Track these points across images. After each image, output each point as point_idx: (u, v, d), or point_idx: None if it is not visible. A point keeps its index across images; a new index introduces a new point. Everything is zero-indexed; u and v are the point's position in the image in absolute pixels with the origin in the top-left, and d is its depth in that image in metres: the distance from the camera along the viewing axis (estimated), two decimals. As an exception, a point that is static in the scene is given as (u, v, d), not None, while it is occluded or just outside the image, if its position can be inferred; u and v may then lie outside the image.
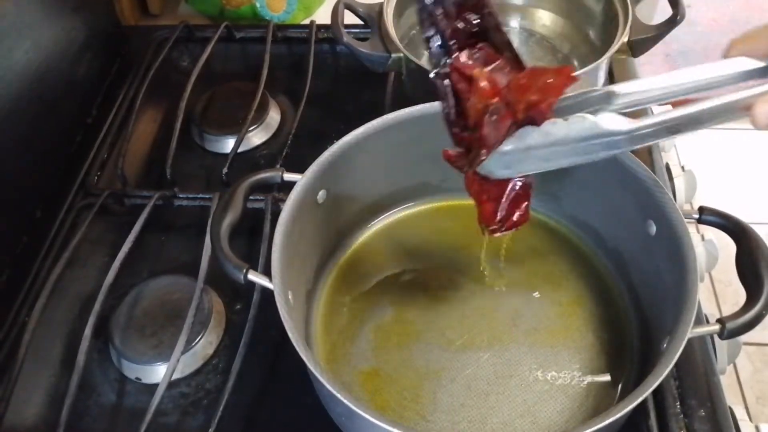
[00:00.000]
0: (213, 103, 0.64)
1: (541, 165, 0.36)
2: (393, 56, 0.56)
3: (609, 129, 0.32)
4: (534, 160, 0.35)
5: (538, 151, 0.34)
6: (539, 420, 0.42)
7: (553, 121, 0.33)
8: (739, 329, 0.37)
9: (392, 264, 0.51)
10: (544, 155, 0.35)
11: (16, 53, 0.54)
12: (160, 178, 0.57)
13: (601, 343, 0.45)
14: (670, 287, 0.40)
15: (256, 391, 0.46)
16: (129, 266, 0.51)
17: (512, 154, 0.35)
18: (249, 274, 0.39)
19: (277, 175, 0.44)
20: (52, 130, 0.60)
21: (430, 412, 0.42)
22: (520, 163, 0.36)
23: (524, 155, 0.35)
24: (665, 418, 0.43)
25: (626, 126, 0.32)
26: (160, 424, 0.44)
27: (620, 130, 0.32)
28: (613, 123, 0.32)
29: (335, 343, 0.46)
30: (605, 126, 0.32)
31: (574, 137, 0.33)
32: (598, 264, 0.49)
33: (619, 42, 0.54)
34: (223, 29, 0.68)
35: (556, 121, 0.33)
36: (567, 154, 0.34)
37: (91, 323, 0.47)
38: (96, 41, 0.66)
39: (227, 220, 0.41)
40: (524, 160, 0.35)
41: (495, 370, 0.44)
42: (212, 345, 0.48)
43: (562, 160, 0.35)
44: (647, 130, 0.32)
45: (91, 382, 0.47)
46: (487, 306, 0.47)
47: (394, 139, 0.47)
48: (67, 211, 0.56)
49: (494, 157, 0.35)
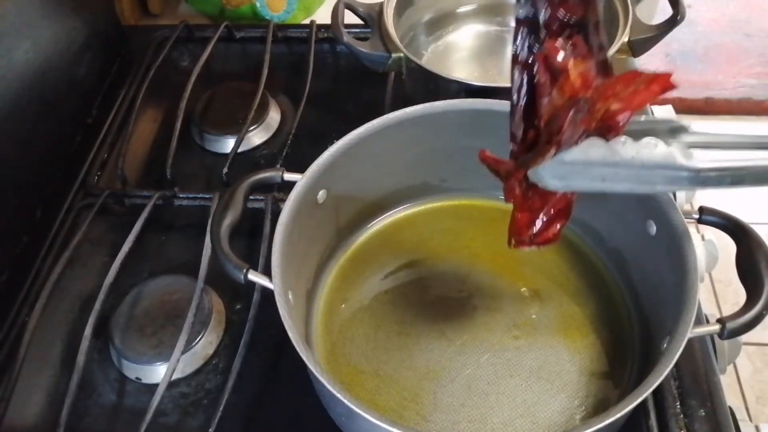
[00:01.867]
0: (213, 102, 0.64)
1: (597, 185, 0.33)
2: (393, 56, 0.56)
3: (681, 163, 0.30)
4: (591, 177, 0.33)
5: (598, 168, 0.32)
6: (539, 420, 0.42)
7: (623, 140, 0.31)
8: (739, 329, 0.37)
9: (392, 264, 0.51)
10: (603, 174, 0.32)
11: (16, 53, 0.54)
12: (161, 178, 0.57)
13: (601, 342, 0.45)
14: (670, 287, 0.40)
15: (257, 390, 0.46)
16: (129, 266, 0.51)
17: (571, 165, 0.33)
18: (249, 274, 0.39)
19: (277, 175, 0.44)
20: (53, 130, 0.60)
21: (430, 412, 0.42)
22: (576, 177, 0.33)
23: (583, 169, 0.32)
24: (665, 418, 0.43)
25: (699, 164, 0.30)
26: (160, 423, 0.44)
27: (693, 166, 0.30)
28: (687, 157, 0.30)
29: (335, 342, 0.46)
30: (678, 158, 0.30)
31: (641, 162, 0.31)
32: (599, 264, 0.49)
33: (619, 42, 0.54)
34: (223, 29, 0.68)
35: (626, 141, 0.31)
36: (626, 179, 0.32)
37: (91, 323, 0.47)
38: (96, 41, 0.66)
39: (227, 220, 0.41)
40: (581, 175, 0.33)
41: (495, 370, 0.44)
42: (212, 345, 0.48)
43: (618, 184, 0.32)
44: (714, 174, 0.30)
45: (91, 381, 0.47)
46: (487, 306, 0.47)
47: (394, 139, 0.47)
48: (67, 211, 0.56)
49: (552, 165, 0.33)
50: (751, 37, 1.44)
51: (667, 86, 0.30)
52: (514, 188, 0.36)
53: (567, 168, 0.33)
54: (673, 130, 0.31)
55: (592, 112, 0.32)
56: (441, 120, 0.48)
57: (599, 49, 0.33)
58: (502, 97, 0.48)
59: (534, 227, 0.37)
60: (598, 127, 0.31)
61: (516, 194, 0.36)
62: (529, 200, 0.36)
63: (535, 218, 0.36)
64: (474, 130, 0.48)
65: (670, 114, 0.64)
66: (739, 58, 1.46)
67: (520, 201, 0.36)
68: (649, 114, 0.61)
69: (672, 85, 0.30)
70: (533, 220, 0.36)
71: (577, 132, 0.32)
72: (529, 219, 0.36)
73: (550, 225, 0.36)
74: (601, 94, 0.32)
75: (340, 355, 0.46)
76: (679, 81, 0.31)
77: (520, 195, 0.36)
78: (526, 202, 0.36)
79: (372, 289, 0.49)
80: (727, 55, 1.45)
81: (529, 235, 0.37)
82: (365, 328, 0.47)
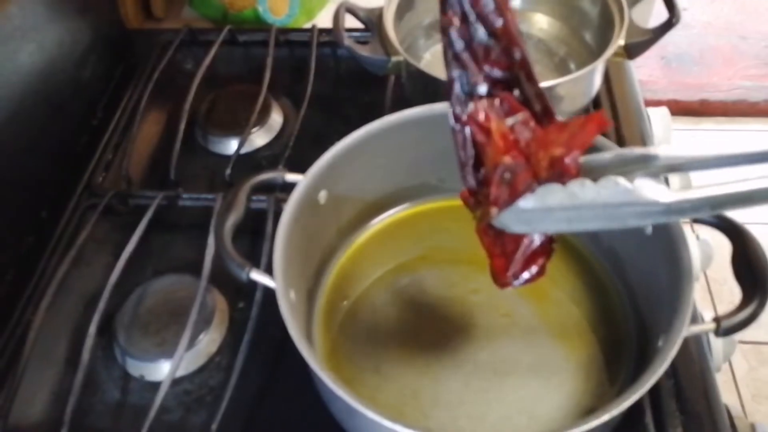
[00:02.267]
0: (216, 105, 0.64)
1: (563, 226, 0.32)
2: (393, 59, 0.56)
3: (645, 198, 0.28)
4: (556, 220, 0.31)
5: (561, 212, 0.31)
6: (537, 416, 0.42)
7: (581, 182, 0.30)
8: (734, 327, 0.38)
9: (392, 263, 0.51)
10: (568, 216, 0.31)
11: (21, 56, 0.54)
12: (164, 178, 0.58)
13: (597, 341, 0.46)
14: (665, 286, 0.40)
15: (259, 388, 0.46)
16: (133, 265, 0.51)
17: (532, 213, 0.31)
18: (252, 273, 0.40)
19: (279, 176, 0.45)
20: (58, 131, 0.61)
21: (430, 409, 0.43)
22: (541, 222, 0.32)
23: (545, 214, 0.31)
24: (661, 416, 0.43)
25: (665, 198, 0.28)
26: (163, 421, 0.45)
27: (657, 201, 0.28)
28: (650, 192, 0.28)
29: (336, 341, 0.47)
30: (642, 194, 0.28)
31: (603, 202, 0.29)
32: (595, 263, 0.50)
33: (615, 45, 0.54)
34: (226, 33, 0.69)
35: (584, 182, 0.30)
36: (594, 218, 0.30)
37: (95, 321, 0.47)
38: (100, 44, 0.67)
39: (230, 220, 0.42)
40: (545, 219, 0.31)
41: (493, 367, 0.45)
42: (215, 343, 0.48)
43: (587, 223, 0.31)
44: (688, 205, 0.28)
45: (96, 379, 0.47)
46: (486, 305, 0.48)
47: (394, 141, 0.48)
48: (72, 212, 0.57)
49: (511, 212, 0.32)
50: (746, 40, 1.44)
51: (603, 124, 0.29)
52: (485, 233, 0.35)
53: (528, 214, 0.32)
54: (644, 158, 0.30)
55: (533, 165, 0.31)
56: (440, 122, 0.48)
57: (536, 97, 0.33)
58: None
59: (511, 269, 0.35)
60: (554, 173, 0.31)
61: (485, 242, 0.36)
62: (501, 244, 0.35)
63: (509, 262, 0.35)
64: (473, 132, 0.49)
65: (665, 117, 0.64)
66: (735, 61, 1.47)
67: (491, 247, 0.36)
68: (647, 124, 0.61)
69: (606, 123, 0.30)
70: (508, 263, 0.35)
71: (516, 190, 0.31)
72: (504, 263, 0.35)
73: (528, 265, 0.35)
74: (541, 143, 0.31)
75: (341, 353, 0.46)
76: (674, 83, 0.30)
77: (489, 242, 0.35)
78: (498, 247, 0.35)
79: (372, 287, 0.50)
80: (722, 58, 1.45)
81: (509, 278, 0.36)
82: (365, 327, 0.47)
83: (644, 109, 0.63)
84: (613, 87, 0.63)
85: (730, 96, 1.53)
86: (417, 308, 0.48)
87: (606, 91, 0.63)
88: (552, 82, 0.53)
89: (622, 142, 0.59)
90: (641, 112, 0.62)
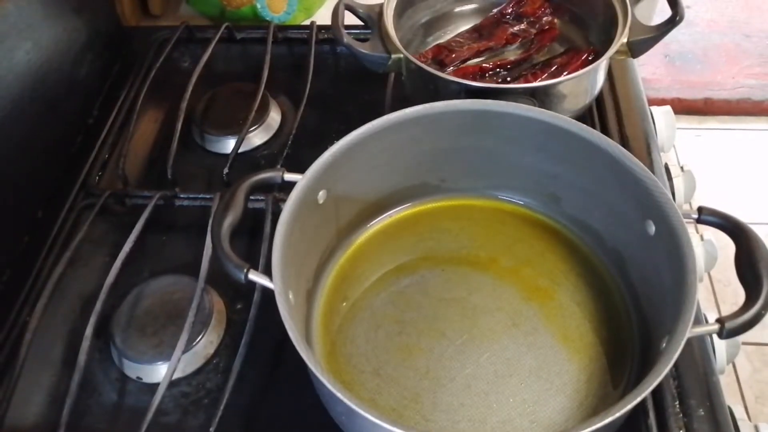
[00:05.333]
0: (214, 103, 0.64)
1: None
2: (393, 57, 0.56)
3: None
4: None
5: None
6: (539, 419, 0.42)
7: None
8: (738, 329, 0.37)
9: (392, 264, 0.51)
10: None
11: (17, 54, 0.54)
12: (161, 178, 0.58)
13: (600, 342, 0.46)
14: (669, 287, 0.40)
15: (257, 390, 0.46)
16: (130, 266, 0.51)
17: None
18: (250, 274, 0.39)
19: (277, 176, 0.44)
20: (54, 130, 0.60)
21: (430, 412, 0.43)
22: None
23: None
24: (664, 418, 0.43)
25: None
26: (160, 423, 0.44)
27: None
28: None
29: (335, 342, 0.46)
30: None
31: None
32: (598, 264, 0.50)
33: (618, 43, 0.54)
34: (223, 30, 0.68)
35: None
36: None
37: (92, 323, 0.47)
38: (97, 42, 0.66)
39: (228, 220, 0.41)
40: None
41: (495, 369, 0.44)
42: (213, 344, 0.48)
43: None
44: None
45: (92, 381, 0.47)
46: (487, 306, 0.48)
47: (394, 140, 0.48)
48: (68, 211, 0.56)
49: None
50: (750, 38, 1.44)
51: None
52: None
53: None
54: None
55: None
56: (440, 120, 0.48)
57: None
58: (501, 97, 0.48)
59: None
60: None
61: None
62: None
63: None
64: (473, 131, 0.49)
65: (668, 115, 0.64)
66: (738, 59, 1.47)
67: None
68: (651, 123, 0.61)
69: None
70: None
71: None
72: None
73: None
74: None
75: (340, 354, 0.46)
76: (678, 81, 0.30)
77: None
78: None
79: (372, 288, 0.49)
80: (726, 56, 1.45)
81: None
82: (365, 328, 0.47)
83: (648, 108, 0.63)
84: (617, 85, 0.63)
85: (734, 94, 1.53)
86: (417, 310, 0.48)
87: (609, 89, 0.63)
88: (555, 80, 0.53)
89: (625, 140, 0.59)
90: (645, 111, 0.62)
